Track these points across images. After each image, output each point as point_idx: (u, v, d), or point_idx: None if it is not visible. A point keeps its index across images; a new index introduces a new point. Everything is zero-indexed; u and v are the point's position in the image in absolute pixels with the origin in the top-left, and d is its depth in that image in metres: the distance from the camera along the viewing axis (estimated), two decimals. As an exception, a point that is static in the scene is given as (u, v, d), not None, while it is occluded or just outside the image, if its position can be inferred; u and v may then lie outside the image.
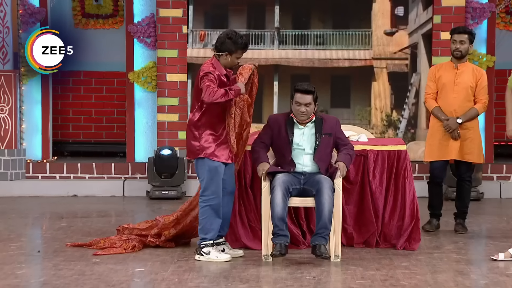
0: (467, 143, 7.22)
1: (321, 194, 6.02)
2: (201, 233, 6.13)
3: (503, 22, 10.79)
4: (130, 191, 9.88)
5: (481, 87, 7.25)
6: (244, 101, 6.09)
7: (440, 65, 7.52)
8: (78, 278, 5.53)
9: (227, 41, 6.05)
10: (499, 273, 5.73)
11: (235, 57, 6.08)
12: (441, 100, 7.27)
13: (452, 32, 7.33)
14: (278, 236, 5.98)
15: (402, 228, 6.58)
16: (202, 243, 6.11)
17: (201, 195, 6.14)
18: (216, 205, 6.10)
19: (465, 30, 7.36)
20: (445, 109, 7.24)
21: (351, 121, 9.68)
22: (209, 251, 6.08)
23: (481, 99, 7.24)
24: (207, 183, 6.09)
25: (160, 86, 10.01)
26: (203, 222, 6.11)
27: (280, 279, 5.55)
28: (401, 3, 10.08)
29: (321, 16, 10.24)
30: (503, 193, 9.64)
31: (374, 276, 5.61)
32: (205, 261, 6.05)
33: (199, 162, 6.14)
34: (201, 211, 6.13)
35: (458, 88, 7.22)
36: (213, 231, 6.11)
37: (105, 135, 11.41)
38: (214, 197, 6.09)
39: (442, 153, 7.25)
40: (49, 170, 10.12)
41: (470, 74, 7.25)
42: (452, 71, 7.27)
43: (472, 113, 7.22)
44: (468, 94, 7.22)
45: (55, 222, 7.99)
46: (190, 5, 10.11)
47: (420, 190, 7.23)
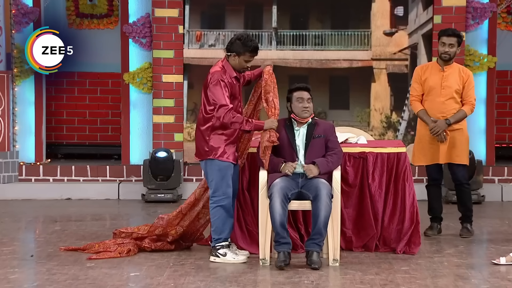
0: (456, 146, 7.17)
1: (318, 200, 6.03)
2: (215, 234, 6.19)
3: (504, 22, 10.78)
4: (125, 194, 9.85)
5: (468, 89, 7.19)
6: (270, 142, 6.11)
7: (425, 66, 7.44)
8: (72, 282, 5.52)
9: (237, 42, 6.14)
10: (500, 278, 5.71)
11: (243, 59, 6.14)
12: (428, 104, 7.22)
13: (441, 34, 7.26)
14: (280, 244, 6.02)
15: (402, 232, 6.57)
16: (218, 244, 6.18)
17: (212, 196, 6.20)
18: (228, 205, 6.17)
19: (455, 32, 7.28)
20: (432, 113, 7.18)
21: (350, 123, 9.68)
22: (225, 253, 6.16)
23: (469, 101, 7.18)
24: (218, 183, 6.16)
25: (155, 87, 9.97)
26: (216, 222, 6.18)
27: (278, 284, 5.55)
28: (401, 3, 10.07)
29: (319, 16, 10.22)
30: (505, 196, 9.63)
31: (374, 281, 5.61)
32: (221, 262, 6.11)
33: (208, 163, 6.19)
34: (212, 212, 6.19)
35: (445, 91, 7.16)
36: (227, 231, 6.20)
37: (100, 137, 11.37)
38: (225, 197, 6.16)
39: (430, 157, 7.23)
40: (43, 173, 10.08)
41: (456, 76, 7.19)
42: (439, 74, 7.21)
43: (461, 115, 7.16)
44: (455, 97, 7.17)
45: (49, 225, 7.97)
46: (186, 5, 10.09)
47: (420, 193, 7.23)
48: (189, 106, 10.14)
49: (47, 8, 10.36)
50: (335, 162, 6.25)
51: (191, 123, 10.09)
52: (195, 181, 9.74)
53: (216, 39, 10.15)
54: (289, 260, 5.96)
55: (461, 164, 7.23)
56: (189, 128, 10.08)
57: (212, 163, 6.15)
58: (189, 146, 10.02)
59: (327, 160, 6.22)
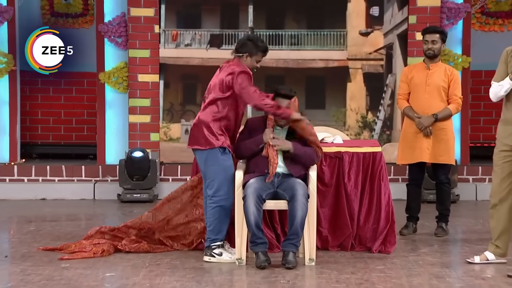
0: (441, 145, 7.22)
1: (295, 200, 6.05)
2: (211, 235, 6.19)
3: (478, 23, 10.83)
4: (100, 194, 9.82)
5: (454, 87, 7.25)
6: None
7: (413, 65, 7.57)
8: (47, 283, 5.51)
9: (248, 43, 6.24)
10: (474, 276, 5.76)
11: (255, 59, 6.25)
12: (413, 101, 7.29)
13: (424, 32, 7.37)
14: (257, 245, 6.04)
15: (378, 231, 6.60)
16: (214, 244, 6.18)
17: (213, 195, 6.17)
18: (228, 205, 6.18)
19: (436, 29, 7.40)
20: (417, 110, 7.25)
21: (326, 123, 9.65)
22: (221, 252, 6.18)
23: (455, 100, 7.24)
24: (221, 182, 6.15)
25: (131, 86, 9.94)
26: (214, 223, 6.18)
27: (254, 283, 5.58)
28: (376, 3, 10.12)
29: (295, 16, 10.24)
30: (479, 195, 9.66)
31: (349, 280, 5.64)
32: (216, 262, 6.12)
33: (210, 157, 6.13)
34: (211, 212, 6.18)
35: (429, 88, 7.23)
36: (223, 232, 6.24)
37: (75, 137, 11.31)
38: (227, 197, 6.16)
39: (414, 156, 7.26)
40: (17, 173, 10.00)
41: (442, 74, 7.26)
42: (424, 72, 7.28)
43: (446, 113, 7.22)
44: (440, 94, 7.23)
45: (23, 226, 7.92)
46: (162, 4, 10.07)
47: (395, 192, 7.29)
48: (165, 105, 10.12)
49: (21, 7, 10.30)
50: (310, 154, 6.26)
51: (167, 123, 10.07)
52: (171, 181, 9.72)
53: (192, 38, 10.13)
54: (269, 260, 5.98)
55: (445, 164, 7.30)
56: (165, 127, 10.07)
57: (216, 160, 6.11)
58: (165, 146, 10.00)
59: (305, 151, 6.23)
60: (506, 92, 5.95)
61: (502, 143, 6.04)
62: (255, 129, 6.30)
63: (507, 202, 6.04)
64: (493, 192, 6.09)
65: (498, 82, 5.98)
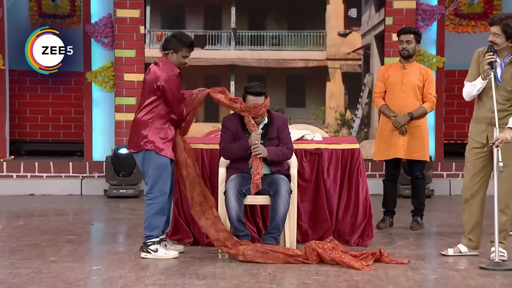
0: (416, 142, 7.33)
1: (278, 196, 6.12)
2: (146, 231, 6.18)
3: (452, 24, 10.90)
4: (87, 189, 9.82)
5: (428, 86, 7.35)
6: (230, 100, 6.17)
7: (389, 65, 7.64)
8: (35, 276, 5.54)
9: (173, 39, 6.16)
10: (448, 268, 5.85)
11: (181, 55, 6.16)
12: (389, 99, 7.39)
13: (399, 33, 7.47)
14: (240, 238, 6.11)
15: (356, 225, 6.67)
16: (149, 240, 6.16)
17: (148, 192, 6.17)
18: (162, 202, 6.15)
19: (411, 30, 7.48)
20: (393, 108, 7.35)
21: (306, 120, 9.69)
22: (156, 249, 6.14)
23: (429, 99, 7.35)
24: (155, 180, 6.13)
25: (117, 85, 9.97)
26: (149, 219, 6.16)
27: (237, 276, 5.61)
28: (354, 5, 10.13)
29: (276, 17, 10.25)
30: (453, 190, 9.72)
31: (328, 272, 5.70)
32: (152, 258, 6.09)
33: (146, 157, 6.12)
34: (147, 209, 6.18)
35: (405, 87, 7.34)
36: (159, 229, 6.20)
37: (63, 134, 11.30)
38: (161, 194, 6.14)
39: (390, 152, 7.36)
40: (6, 169, 10.02)
41: (417, 73, 7.36)
42: (400, 71, 7.39)
43: (421, 111, 7.33)
44: (416, 93, 7.34)
45: (12, 221, 7.93)
46: (147, 6, 10.07)
47: (372, 187, 7.35)
48: (150, 104, 10.17)
49: (10, 9, 10.28)
50: (283, 156, 6.31)
51: (152, 121, 10.15)
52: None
53: (176, 39, 10.18)
54: None
55: (420, 160, 7.42)
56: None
57: (149, 158, 6.08)
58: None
59: (277, 150, 6.27)
60: (479, 91, 6.03)
61: (473, 140, 6.13)
62: (236, 129, 6.33)
63: (479, 197, 6.11)
64: (465, 188, 6.14)
65: (471, 82, 6.07)
